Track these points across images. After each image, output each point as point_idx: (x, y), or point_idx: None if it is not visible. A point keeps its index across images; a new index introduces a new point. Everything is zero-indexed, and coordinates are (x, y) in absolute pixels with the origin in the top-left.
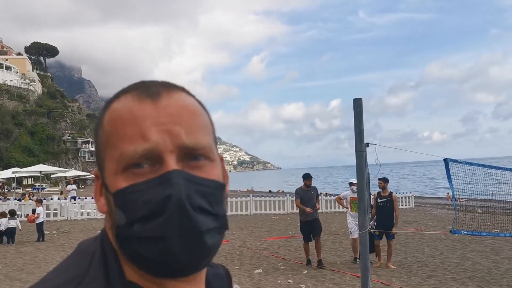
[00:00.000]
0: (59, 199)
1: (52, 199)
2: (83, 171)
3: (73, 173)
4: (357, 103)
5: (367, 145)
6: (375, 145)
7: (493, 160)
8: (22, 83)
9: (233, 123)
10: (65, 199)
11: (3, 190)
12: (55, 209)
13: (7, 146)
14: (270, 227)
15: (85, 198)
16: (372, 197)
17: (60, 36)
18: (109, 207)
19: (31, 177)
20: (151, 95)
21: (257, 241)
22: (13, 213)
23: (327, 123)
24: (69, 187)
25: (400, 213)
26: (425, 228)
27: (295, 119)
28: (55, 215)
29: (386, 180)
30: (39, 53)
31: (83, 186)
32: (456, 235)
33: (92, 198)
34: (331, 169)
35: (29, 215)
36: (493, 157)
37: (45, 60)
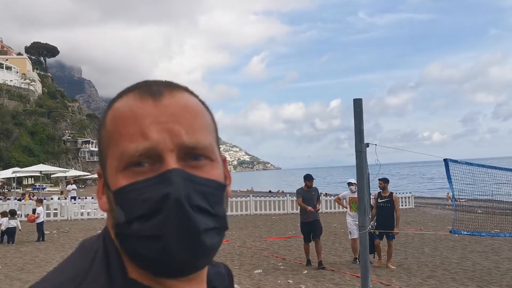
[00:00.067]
0: (59, 199)
1: (52, 199)
2: (83, 171)
3: (73, 173)
4: (357, 103)
5: (367, 145)
6: (375, 145)
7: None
8: (22, 83)
9: (233, 123)
10: (65, 199)
11: (3, 190)
12: (55, 209)
13: (7, 146)
14: (270, 227)
15: (85, 198)
16: (372, 197)
17: (60, 36)
18: (110, 205)
19: (31, 177)
20: (153, 94)
21: (257, 241)
22: (13, 213)
23: (327, 123)
24: (69, 187)
25: (400, 213)
26: (425, 228)
27: (295, 119)
28: (55, 215)
29: (386, 180)
30: (39, 53)
31: (83, 186)
32: (456, 235)
33: (92, 198)
34: (331, 169)
35: (29, 214)
36: (493, 158)
37: (45, 60)
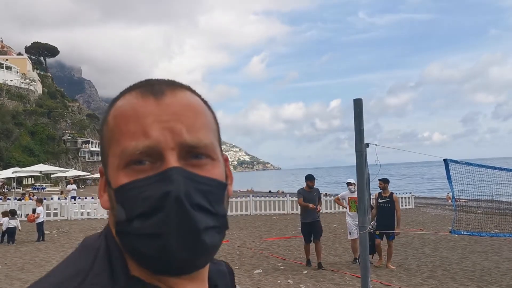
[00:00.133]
0: (59, 199)
1: (52, 199)
2: (83, 171)
3: (73, 173)
4: (357, 103)
5: (367, 145)
6: (375, 145)
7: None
8: (22, 83)
9: (233, 123)
10: (65, 199)
11: (3, 189)
12: (55, 209)
13: (7, 146)
14: (270, 227)
15: (85, 198)
16: (373, 197)
17: (60, 36)
18: (111, 203)
19: (31, 177)
20: (154, 93)
21: (257, 241)
22: (13, 213)
23: (327, 123)
24: (69, 187)
25: (401, 213)
26: (425, 228)
27: (295, 119)
28: (55, 215)
29: (386, 180)
30: (39, 53)
31: (83, 186)
32: (456, 235)
33: (92, 198)
34: (331, 170)
35: (29, 214)
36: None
37: (45, 60)
